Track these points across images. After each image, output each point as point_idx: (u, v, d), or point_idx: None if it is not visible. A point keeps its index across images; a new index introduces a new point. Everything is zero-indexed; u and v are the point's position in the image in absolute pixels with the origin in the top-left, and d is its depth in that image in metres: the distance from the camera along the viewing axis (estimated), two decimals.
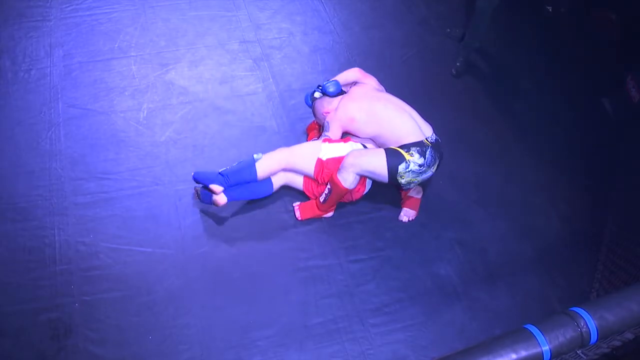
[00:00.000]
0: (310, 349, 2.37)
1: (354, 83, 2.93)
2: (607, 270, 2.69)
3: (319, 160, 2.71)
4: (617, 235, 2.80)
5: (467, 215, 2.91)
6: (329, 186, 2.69)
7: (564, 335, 1.10)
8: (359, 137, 2.80)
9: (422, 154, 2.59)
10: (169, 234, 2.68)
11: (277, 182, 2.79)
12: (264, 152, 2.73)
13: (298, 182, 2.84)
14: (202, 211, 2.77)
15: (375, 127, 2.69)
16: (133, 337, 2.34)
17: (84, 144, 3.00)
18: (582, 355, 1.43)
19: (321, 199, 2.73)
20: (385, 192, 2.93)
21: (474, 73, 3.65)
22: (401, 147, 2.61)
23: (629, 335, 1.41)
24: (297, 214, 2.78)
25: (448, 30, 3.85)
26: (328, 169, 2.69)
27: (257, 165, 2.70)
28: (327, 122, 2.82)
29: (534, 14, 4.10)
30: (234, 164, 2.75)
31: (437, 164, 2.69)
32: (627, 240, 2.71)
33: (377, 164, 2.59)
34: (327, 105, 2.87)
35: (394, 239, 2.77)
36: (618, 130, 3.35)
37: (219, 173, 2.71)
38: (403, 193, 2.90)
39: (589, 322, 1.13)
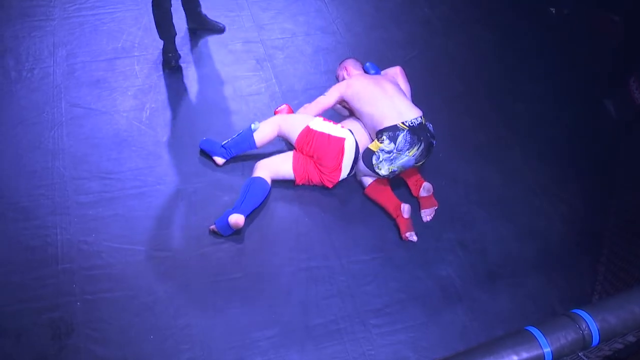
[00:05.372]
0: (311, 350, 2.37)
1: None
2: (608, 272, 2.68)
3: (307, 128, 2.81)
4: (618, 237, 2.80)
5: (468, 217, 2.91)
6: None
7: (565, 337, 1.10)
8: (352, 110, 2.93)
9: (393, 139, 2.68)
10: (170, 233, 2.68)
11: (266, 177, 2.81)
12: (264, 151, 2.72)
13: (284, 173, 2.84)
14: (204, 211, 2.77)
15: (362, 103, 2.83)
16: (134, 337, 2.34)
17: (86, 144, 3.00)
18: (584, 358, 1.43)
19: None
20: None
21: (476, 73, 3.65)
22: (377, 133, 2.75)
23: (631, 338, 1.40)
24: (414, 237, 2.75)
25: None
26: (311, 142, 2.78)
27: (255, 134, 2.88)
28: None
29: (537, 16, 4.09)
30: (234, 135, 2.92)
31: (417, 148, 2.71)
32: (628, 241, 2.70)
33: (363, 169, 2.82)
34: (352, 70, 3.05)
35: (395, 240, 2.77)
36: (620, 132, 3.35)
37: (222, 146, 2.91)
38: (414, 193, 2.90)
39: (591, 324, 1.12)
